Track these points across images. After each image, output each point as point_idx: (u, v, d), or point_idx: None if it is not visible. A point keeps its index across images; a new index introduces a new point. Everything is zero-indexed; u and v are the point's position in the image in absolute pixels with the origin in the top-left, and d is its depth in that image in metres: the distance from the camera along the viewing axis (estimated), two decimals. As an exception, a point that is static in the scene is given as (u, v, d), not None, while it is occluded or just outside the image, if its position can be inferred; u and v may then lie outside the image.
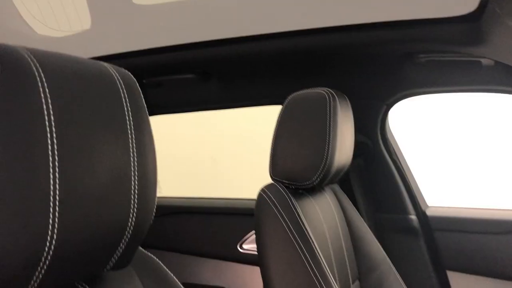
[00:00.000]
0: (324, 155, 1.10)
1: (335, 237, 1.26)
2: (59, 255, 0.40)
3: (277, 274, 1.05)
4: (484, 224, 1.51)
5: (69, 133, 0.41)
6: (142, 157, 0.48)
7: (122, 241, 0.47)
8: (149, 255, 0.63)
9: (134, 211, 0.47)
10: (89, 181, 0.42)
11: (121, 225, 0.46)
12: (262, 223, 1.06)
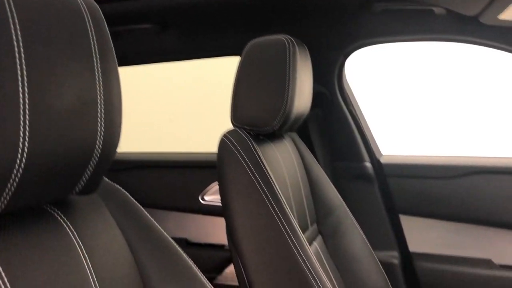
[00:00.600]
0: (284, 101, 1.12)
1: (294, 182, 1.31)
2: (29, 171, 0.41)
3: (241, 216, 1.08)
4: (434, 169, 1.59)
5: (37, 57, 0.41)
6: (107, 83, 0.49)
7: (90, 164, 0.48)
8: (117, 187, 0.65)
9: (101, 135, 0.48)
10: (58, 104, 0.43)
11: (89, 148, 0.47)
12: (225, 167, 1.08)
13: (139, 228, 0.64)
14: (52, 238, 0.51)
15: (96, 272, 0.54)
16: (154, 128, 2.36)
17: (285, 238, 1.05)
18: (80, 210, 0.56)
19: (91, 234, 0.55)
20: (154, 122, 2.36)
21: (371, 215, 1.64)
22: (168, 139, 2.31)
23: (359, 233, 1.44)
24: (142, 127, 2.32)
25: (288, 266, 1.04)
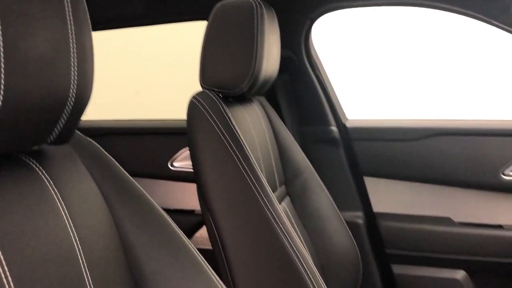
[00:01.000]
0: (252, 63, 1.14)
1: (264, 145, 1.33)
2: (4, 119, 0.42)
3: (212, 176, 1.10)
4: (397, 132, 1.65)
5: (11, 13, 0.42)
6: (80, 33, 0.50)
7: (65, 112, 0.49)
8: (90, 140, 0.66)
9: (74, 84, 0.49)
10: (32, 54, 0.44)
11: (63, 96, 0.48)
12: (195, 127, 1.10)
13: (112, 179, 0.65)
14: (28, 186, 0.52)
15: (73, 219, 0.55)
16: (120, 96, 2.34)
17: (256, 198, 1.08)
18: (55, 160, 0.57)
19: (66, 183, 0.56)
20: (120, 89, 2.33)
21: (337, 177, 1.69)
22: (136, 107, 2.30)
23: (325, 194, 1.49)
24: (108, 95, 2.29)
25: (260, 224, 1.08)
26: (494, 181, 1.56)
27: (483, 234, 1.58)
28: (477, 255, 1.58)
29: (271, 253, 1.07)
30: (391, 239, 1.67)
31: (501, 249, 1.56)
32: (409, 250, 1.64)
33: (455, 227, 1.62)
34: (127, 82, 2.39)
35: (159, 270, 0.66)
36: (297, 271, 1.04)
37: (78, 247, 0.55)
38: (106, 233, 0.61)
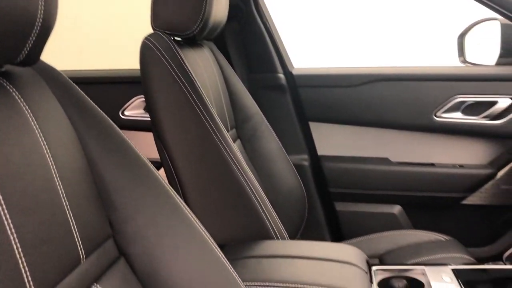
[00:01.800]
0: (203, 5, 1.17)
1: (215, 89, 1.39)
2: None
3: (168, 118, 1.14)
4: (340, 79, 1.75)
5: None
6: None
7: (33, 32, 0.53)
8: (52, 67, 0.69)
9: (42, 5, 0.53)
10: None
11: (32, 16, 0.52)
12: (148, 67, 1.13)
13: (78, 104, 0.69)
14: (1, 103, 0.55)
15: (44, 135, 0.59)
16: (71, 45, 2.29)
17: (211, 135, 1.13)
18: (24, 80, 0.60)
19: (36, 102, 0.60)
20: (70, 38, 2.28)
21: (284, 122, 1.77)
22: (86, 56, 2.27)
23: (274, 138, 1.57)
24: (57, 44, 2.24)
25: (217, 162, 1.14)
26: (427, 122, 1.70)
27: (417, 172, 1.73)
28: (411, 191, 1.73)
29: (228, 188, 1.14)
30: (334, 179, 1.78)
31: (433, 185, 1.71)
32: (351, 189, 1.77)
33: (392, 166, 1.75)
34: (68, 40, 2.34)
35: (123, 186, 0.72)
36: (251, 202, 1.13)
37: (51, 161, 0.60)
38: (75, 152, 0.66)
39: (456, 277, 1.01)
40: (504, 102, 1.64)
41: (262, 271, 0.94)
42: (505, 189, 1.68)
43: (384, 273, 1.05)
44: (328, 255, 1.02)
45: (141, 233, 0.72)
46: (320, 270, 0.94)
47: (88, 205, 0.66)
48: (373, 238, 1.52)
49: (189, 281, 0.73)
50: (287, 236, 1.21)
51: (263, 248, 1.06)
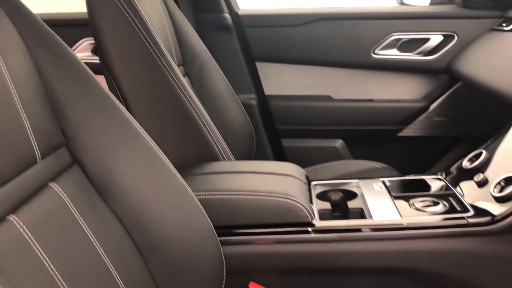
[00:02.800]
0: None
1: (161, 26, 1.41)
2: None
3: (117, 54, 1.16)
4: (284, 19, 1.81)
5: None
6: None
7: None
8: None
9: None
10: None
11: None
12: (97, 9, 1.13)
13: (29, 23, 0.73)
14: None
15: None
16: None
17: (162, 68, 1.17)
18: None
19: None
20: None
21: (231, 62, 1.83)
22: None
23: (221, 77, 1.62)
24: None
25: (167, 92, 1.18)
26: (366, 60, 1.80)
27: (357, 107, 1.84)
28: (352, 125, 1.84)
29: (178, 116, 1.19)
30: (280, 116, 1.87)
31: (371, 119, 1.83)
32: (296, 125, 1.87)
33: (334, 102, 1.86)
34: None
35: (73, 98, 0.76)
36: (200, 129, 1.19)
37: (4, 69, 0.64)
38: (26, 64, 0.70)
39: (385, 186, 1.12)
40: (436, 39, 1.75)
41: (210, 183, 1.02)
42: (437, 121, 1.82)
43: (322, 187, 1.15)
44: (272, 169, 1.10)
45: (92, 143, 0.77)
46: (263, 180, 1.03)
47: (41, 112, 0.70)
48: (317, 168, 1.62)
49: (141, 187, 0.80)
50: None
51: (211, 167, 1.13)
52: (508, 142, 1.09)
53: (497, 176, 0.98)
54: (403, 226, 0.95)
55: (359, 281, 0.98)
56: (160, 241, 0.80)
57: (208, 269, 0.86)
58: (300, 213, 0.95)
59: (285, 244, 0.96)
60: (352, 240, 0.95)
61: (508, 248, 0.91)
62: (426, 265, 0.94)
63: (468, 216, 0.94)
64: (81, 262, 0.65)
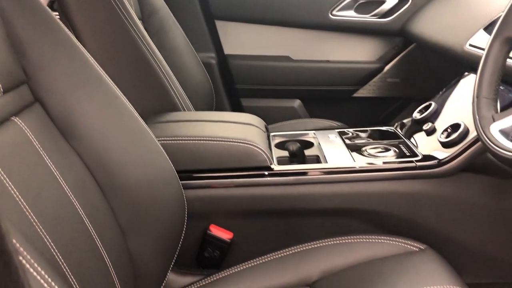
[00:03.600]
0: None
1: None
2: None
3: (77, 6, 1.14)
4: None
5: None
6: None
7: None
8: None
9: None
10: None
11: None
12: None
13: None
14: None
15: None
16: None
17: (122, 18, 1.16)
18: None
19: None
20: None
21: (191, 20, 1.82)
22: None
23: (181, 33, 1.62)
24: None
25: (127, 42, 1.17)
26: (324, 21, 1.83)
27: (314, 68, 1.88)
28: (309, 86, 1.89)
29: (139, 66, 1.19)
30: (240, 76, 1.89)
31: (327, 79, 1.88)
32: (255, 85, 1.89)
33: (292, 63, 1.89)
34: None
35: (33, 38, 0.76)
36: (160, 78, 1.19)
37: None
38: None
39: (340, 136, 1.18)
40: (391, 1, 1.81)
41: (170, 130, 1.04)
42: (390, 82, 1.89)
43: (280, 137, 1.19)
44: (232, 119, 1.13)
45: (54, 83, 0.77)
46: (223, 128, 1.06)
47: (1, 48, 0.70)
48: (275, 126, 1.66)
49: (103, 129, 0.81)
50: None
51: (172, 116, 1.15)
52: (456, 94, 1.16)
53: (445, 124, 1.05)
54: (355, 169, 1.00)
55: (314, 222, 1.03)
56: (122, 181, 0.81)
57: (170, 210, 0.88)
58: (259, 158, 0.99)
59: (245, 187, 1.00)
60: (308, 183, 1.00)
61: (452, 189, 0.99)
62: (377, 206, 1.00)
63: (417, 160, 1.00)
64: (45, 194, 0.67)
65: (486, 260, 1.01)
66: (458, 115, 1.04)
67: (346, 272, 0.87)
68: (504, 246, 1.00)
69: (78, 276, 0.64)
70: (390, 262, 0.87)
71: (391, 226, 1.00)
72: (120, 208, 0.81)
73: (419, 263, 0.85)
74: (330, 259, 0.90)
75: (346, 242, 0.93)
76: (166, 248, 0.87)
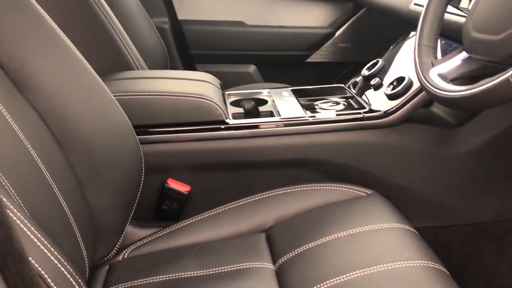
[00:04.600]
0: None
1: None
2: None
3: None
4: None
5: None
6: None
7: None
8: None
9: None
10: None
11: None
12: None
13: None
14: None
15: None
16: None
17: None
18: None
19: None
20: None
21: None
22: None
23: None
24: None
25: (82, 6, 1.16)
26: (277, -14, 1.85)
27: (268, 33, 1.91)
28: (263, 51, 1.91)
29: (91, 24, 1.18)
30: (194, 41, 1.89)
31: (281, 44, 1.91)
32: (210, 50, 1.90)
33: (247, 28, 1.90)
34: None
35: None
36: (112, 36, 1.19)
37: None
38: None
39: (293, 93, 1.21)
40: (342, -33, 1.84)
41: (125, 86, 1.04)
42: (342, 47, 1.94)
43: (236, 96, 1.22)
44: (188, 76, 1.15)
45: (6, 36, 0.77)
46: (179, 84, 1.07)
47: None
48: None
49: (58, 81, 0.82)
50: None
51: (127, 74, 1.15)
52: (401, 51, 1.21)
53: (391, 79, 1.10)
54: (307, 121, 1.04)
55: (268, 173, 1.07)
56: (78, 133, 0.82)
57: (126, 162, 0.90)
58: (215, 112, 1.01)
59: (201, 141, 1.02)
60: (262, 135, 1.03)
61: (397, 139, 1.05)
62: (328, 156, 1.05)
63: (364, 111, 1.06)
64: (3, 143, 0.67)
65: (429, 205, 1.08)
66: (403, 70, 1.10)
67: (299, 217, 0.92)
68: (445, 191, 1.08)
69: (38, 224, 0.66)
70: (340, 206, 0.92)
71: (342, 175, 1.06)
72: (77, 160, 0.82)
73: (367, 206, 0.91)
74: (284, 206, 0.95)
75: (299, 190, 0.97)
76: (124, 200, 0.89)
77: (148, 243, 0.92)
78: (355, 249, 0.78)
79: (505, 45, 0.64)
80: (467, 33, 0.74)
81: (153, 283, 0.78)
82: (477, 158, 1.04)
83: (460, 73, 0.76)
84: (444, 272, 0.73)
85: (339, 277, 0.71)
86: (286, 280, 0.75)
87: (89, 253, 0.80)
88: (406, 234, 0.81)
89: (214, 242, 0.90)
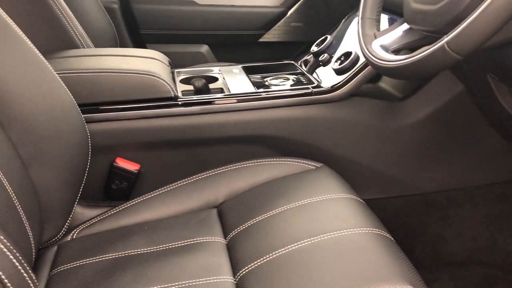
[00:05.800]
0: None
1: None
2: None
3: None
4: None
5: None
6: None
7: None
8: None
9: None
10: None
11: None
12: None
13: None
14: None
15: None
16: None
17: None
18: None
19: None
20: None
21: None
22: None
23: None
24: None
25: None
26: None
27: (220, 12, 1.89)
28: (216, 30, 1.89)
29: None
30: (145, 21, 1.85)
31: (233, 24, 1.90)
32: (161, 30, 1.87)
33: (198, 7, 1.88)
34: None
35: None
36: (55, 13, 1.15)
37: None
38: None
39: (243, 70, 1.21)
40: None
41: (69, 64, 1.01)
42: (294, 26, 1.95)
43: (186, 74, 1.21)
44: (135, 53, 1.12)
45: None
46: (126, 61, 1.05)
47: None
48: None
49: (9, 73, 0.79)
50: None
51: (71, 52, 1.12)
52: (349, 27, 1.23)
53: (338, 54, 1.12)
54: (257, 97, 1.05)
55: (220, 150, 1.07)
56: (20, 112, 0.80)
57: (71, 141, 0.87)
58: (163, 89, 1.00)
59: (150, 119, 1.01)
60: (212, 112, 1.03)
61: (345, 113, 1.06)
62: (278, 131, 1.06)
63: (313, 86, 1.07)
64: None
65: (377, 177, 1.11)
66: (351, 45, 1.11)
67: (250, 192, 0.92)
68: (392, 163, 1.11)
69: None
70: (289, 179, 0.93)
71: (292, 149, 1.07)
72: (20, 139, 0.80)
73: (315, 179, 0.93)
74: (235, 182, 0.95)
75: (250, 165, 0.98)
76: (70, 180, 0.87)
77: (97, 223, 0.91)
78: (302, 219, 0.79)
79: (442, 14, 0.66)
80: (408, 4, 0.75)
81: (102, 262, 0.77)
82: (422, 130, 1.08)
83: (401, 44, 0.78)
84: (388, 238, 0.75)
85: (287, 247, 0.72)
86: (236, 253, 0.76)
87: (36, 234, 0.78)
88: (353, 204, 0.83)
89: (164, 220, 0.89)
